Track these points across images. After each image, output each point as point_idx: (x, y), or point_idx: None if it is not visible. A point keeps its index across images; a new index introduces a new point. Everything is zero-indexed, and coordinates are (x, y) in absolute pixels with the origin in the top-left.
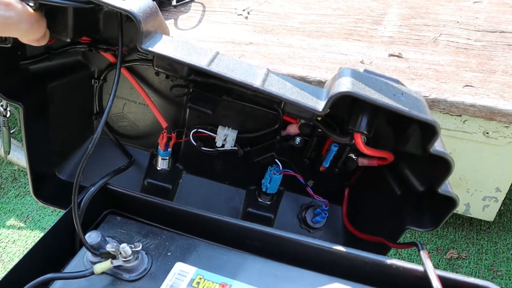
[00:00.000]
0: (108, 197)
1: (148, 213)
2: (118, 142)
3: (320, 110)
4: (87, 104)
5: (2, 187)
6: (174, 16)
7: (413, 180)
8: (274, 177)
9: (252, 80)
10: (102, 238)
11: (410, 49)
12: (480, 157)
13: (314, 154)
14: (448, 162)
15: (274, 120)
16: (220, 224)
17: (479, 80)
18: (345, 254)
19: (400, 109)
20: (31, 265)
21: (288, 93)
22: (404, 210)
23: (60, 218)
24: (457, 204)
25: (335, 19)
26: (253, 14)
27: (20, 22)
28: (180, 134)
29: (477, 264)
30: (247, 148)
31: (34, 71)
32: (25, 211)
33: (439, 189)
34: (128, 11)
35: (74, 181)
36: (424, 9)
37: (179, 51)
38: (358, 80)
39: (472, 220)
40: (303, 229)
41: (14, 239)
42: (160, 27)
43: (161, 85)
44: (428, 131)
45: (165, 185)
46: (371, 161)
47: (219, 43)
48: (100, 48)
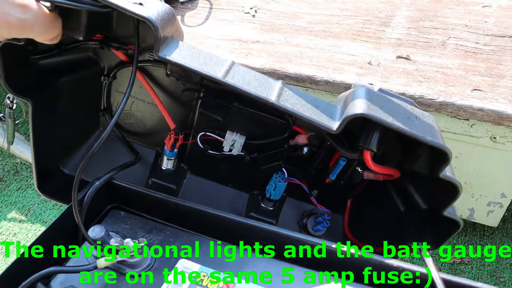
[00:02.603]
0: (112, 192)
1: (152, 209)
2: (124, 138)
3: (335, 129)
4: (95, 100)
5: (4, 180)
6: (181, 12)
7: (418, 199)
8: (279, 185)
9: (268, 94)
10: (105, 232)
11: (418, 52)
12: (487, 161)
13: (321, 165)
14: (456, 188)
15: (283, 129)
16: (225, 222)
17: (487, 84)
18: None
19: (414, 134)
20: (33, 258)
21: (303, 109)
22: (406, 226)
23: (64, 212)
24: (460, 227)
25: (343, 20)
26: (260, 12)
27: (37, 24)
28: (187, 136)
29: (479, 270)
30: (254, 154)
31: (44, 66)
32: (27, 204)
33: (444, 212)
34: (147, 18)
35: (75, 177)
36: (432, 12)
37: (195, 60)
38: (373, 101)
39: (476, 225)
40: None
41: (15, 232)
42: (176, 32)
43: (171, 86)
44: (439, 156)
45: (169, 185)
46: (376, 176)
47: (226, 40)
48: (112, 46)
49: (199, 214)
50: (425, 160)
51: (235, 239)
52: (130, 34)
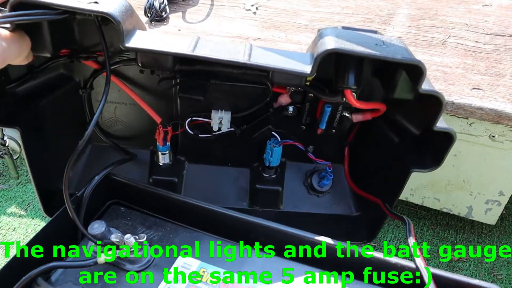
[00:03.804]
0: (112, 188)
1: (151, 204)
2: (116, 145)
3: (309, 72)
4: (78, 115)
5: (3, 175)
6: (182, 9)
7: (409, 125)
8: (274, 150)
9: (238, 56)
10: (106, 228)
11: (418, 50)
12: (485, 160)
13: (309, 119)
14: (439, 99)
15: (264, 93)
16: (225, 218)
17: (487, 83)
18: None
19: (385, 56)
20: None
21: (274, 62)
22: (405, 155)
23: (63, 208)
24: (454, 138)
25: (344, 18)
26: (261, 9)
27: (7, 47)
28: (175, 126)
29: (477, 267)
30: (244, 126)
31: (22, 93)
32: (26, 199)
33: (434, 127)
34: (106, 13)
35: (64, 177)
36: (433, 10)
37: (162, 43)
38: (339, 36)
39: (474, 223)
40: (312, 195)
41: (15, 226)
42: (137, 24)
43: (148, 82)
44: (415, 72)
45: (171, 179)
46: (365, 115)
47: (227, 37)
48: (80, 57)
49: (199, 210)
50: (403, 83)
51: (235, 235)
52: (95, 42)
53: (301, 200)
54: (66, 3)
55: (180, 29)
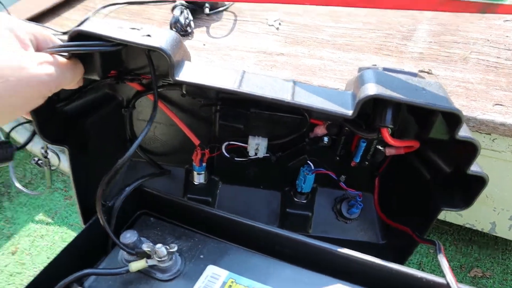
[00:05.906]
0: (142, 199)
1: (181, 216)
2: (152, 161)
3: (350, 115)
4: (120, 132)
5: (31, 183)
6: (206, 24)
7: (441, 163)
8: (307, 177)
9: (282, 95)
10: (137, 238)
11: (440, 66)
12: (508, 176)
13: (344, 151)
14: (475, 146)
15: (302, 124)
16: (252, 230)
17: (509, 99)
18: (376, 265)
19: (424, 103)
20: (66, 261)
21: (317, 102)
22: (435, 193)
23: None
24: (486, 182)
25: (365, 33)
26: (284, 25)
27: (64, 74)
28: (212, 149)
29: (501, 284)
30: (279, 153)
31: (70, 112)
32: (53, 207)
33: (468, 171)
34: (159, 48)
35: (98, 188)
36: (454, 26)
37: (209, 77)
38: (380, 81)
39: (498, 239)
40: (340, 221)
41: (42, 234)
42: (184, 54)
43: (189, 105)
44: (453, 119)
45: (205, 198)
46: (398, 150)
47: (251, 52)
48: (126, 79)
49: (227, 223)
50: (440, 125)
51: (261, 247)
52: (141, 65)
53: (329, 225)
54: (121, 36)
55: (205, 44)
